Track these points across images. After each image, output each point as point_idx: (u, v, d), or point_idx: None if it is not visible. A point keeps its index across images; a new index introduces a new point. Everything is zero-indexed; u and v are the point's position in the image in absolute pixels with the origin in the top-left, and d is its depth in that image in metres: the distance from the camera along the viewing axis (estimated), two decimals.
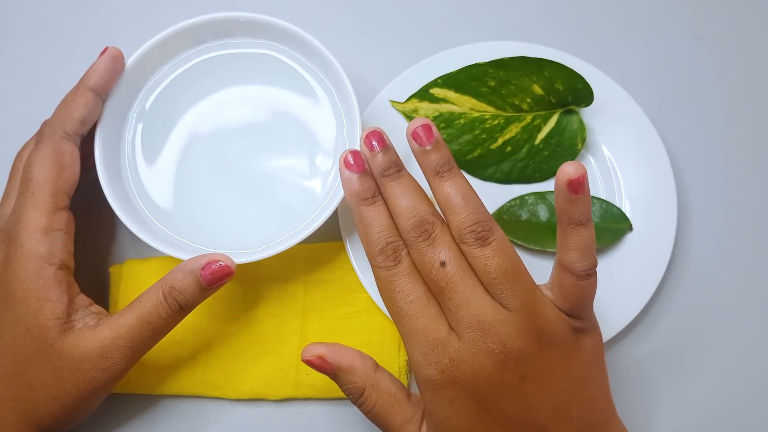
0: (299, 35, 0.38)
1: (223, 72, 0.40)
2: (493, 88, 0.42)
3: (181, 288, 0.33)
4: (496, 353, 0.29)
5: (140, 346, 0.34)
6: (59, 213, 0.34)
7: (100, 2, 0.48)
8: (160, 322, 0.33)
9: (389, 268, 0.32)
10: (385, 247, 0.32)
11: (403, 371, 0.39)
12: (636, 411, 0.40)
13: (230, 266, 0.33)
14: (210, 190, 0.39)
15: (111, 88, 0.38)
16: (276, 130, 0.39)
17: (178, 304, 0.33)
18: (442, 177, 0.33)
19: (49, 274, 0.33)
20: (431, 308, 0.31)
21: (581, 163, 0.31)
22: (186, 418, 0.40)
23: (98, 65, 0.37)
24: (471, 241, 0.31)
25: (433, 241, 0.32)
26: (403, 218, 0.33)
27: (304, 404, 0.40)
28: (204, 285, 0.33)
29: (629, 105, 0.42)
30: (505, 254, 0.31)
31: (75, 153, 0.35)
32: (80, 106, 0.36)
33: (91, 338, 0.33)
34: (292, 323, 0.40)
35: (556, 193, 0.31)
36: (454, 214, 0.32)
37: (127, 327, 0.33)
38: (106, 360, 0.33)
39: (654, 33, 0.47)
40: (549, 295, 0.32)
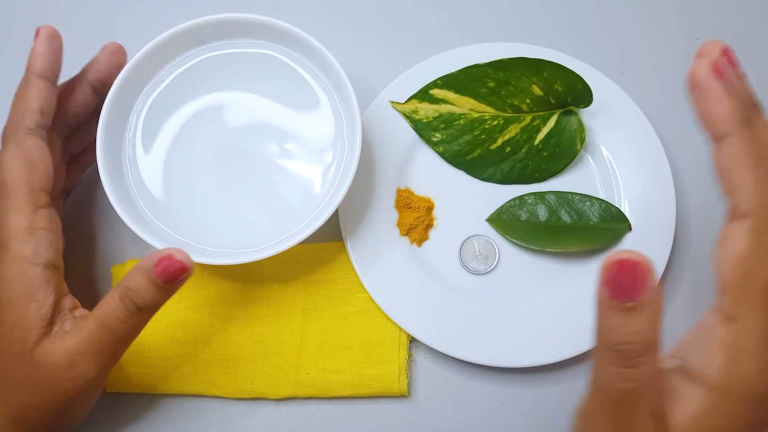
0: (300, 36, 0.39)
1: (224, 73, 0.40)
2: (492, 88, 0.42)
3: (137, 288, 0.31)
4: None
5: (106, 353, 0.32)
6: (40, 211, 0.33)
7: (101, 3, 0.48)
8: (119, 325, 0.32)
9: None
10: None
11: (403, 371, 0.39)
12: None
13: (183, 261, 0.31)
14: (211, 190, 0.39)
15: (58, 68, 0.35)
16: (276, 130, 0.40)
17: (135, 305, 0.31)
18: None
19: (35, 274, 0.32)
20: None
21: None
22: (187, 417, 0.40)
23: (38, 49, 0.35)
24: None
25: None
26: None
27: (304, 403, 0.40)
28: (159, 283, 0.31)
29: (628, 106, 0.43)
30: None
31: (42, 147, 0.34)
32: (34, 96, 0.34)
33: (59, 346, 0.32)
34: (293, 323, 0.40)
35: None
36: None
37: (87, 333, 0.32)
38: (73, 369, 0.32)
39: (653, 34, 0.47)
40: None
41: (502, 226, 0.42)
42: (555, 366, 0.40)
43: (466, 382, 0.40)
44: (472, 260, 0.41)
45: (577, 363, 0.40)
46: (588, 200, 0.41)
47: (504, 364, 0.39)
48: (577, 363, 0.40)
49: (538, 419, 0.40)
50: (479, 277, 0.41)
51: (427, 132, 0.43)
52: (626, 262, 0.24)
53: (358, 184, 0.42)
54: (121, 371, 0.39)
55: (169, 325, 0.40)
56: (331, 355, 0.40)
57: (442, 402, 0.40)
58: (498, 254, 0.41)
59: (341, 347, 0.40)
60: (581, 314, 0.39)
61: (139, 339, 0.40)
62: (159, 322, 0.40)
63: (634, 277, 0.24)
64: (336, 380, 0.39)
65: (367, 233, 0.41)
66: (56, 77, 0.35)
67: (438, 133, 0.43)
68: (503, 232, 0.41)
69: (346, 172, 0.38)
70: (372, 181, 0.42)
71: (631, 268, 0.24)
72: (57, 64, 0.35)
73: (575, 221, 0.41)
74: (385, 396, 0.40)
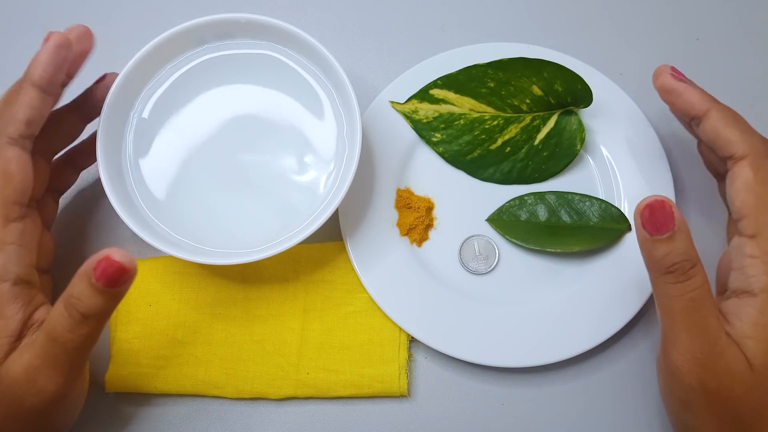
0: (300, 36, 0.39)
1: (224, 73, 0.40)
2: (492, 89, 0.42)
3: (78, 294, 0.29)
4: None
5: (60, 365, 0.30)
6: (11, 226, 0.32)
7: (101, 3, 0.48)
8: (66, 335, 0.30)
9: None
10: None
11: (403, 371, 0.39)
12: (635, 409, 0.40)
13: (122, 262, 0.29)
14: (211, 190, 0.39)
15: (60, 79, 0.33)
16: (276, 130, 0.40)
17: (79, 314, 0.29)
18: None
19: (2, 290, 0.31)
20: None
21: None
22: (187, 417, 0.40)
23: (41, 56, 0.32)
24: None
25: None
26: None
27: (304, 404, 0.40)
28: (100, 287, 0.29)
29: (628, 106, 0.43)
30: None
31: (22, 158, 0.32)
32: (23, 105, 0.32)
33: (18, 362, 0.31)
34: (293, 323, 0.40)
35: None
36: None
37: (39, 346, 0.30)
38: (33, 384, 0.30)
39: (653, 34, 0.47)
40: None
41: (502, 226, 0.42)
42: (555, 366, 0.40)
43: (466, 382, 0.40)
44: (472, 260, 0.41)
45: (577, 363, 0.40)
46: (588, 200, 0.41)
47: (504, 364, 0.39)
48: (577, 363, 0.40)
49: (538, 419, 0.40)
50: (479, 277, 0.41)
51: (427, 132, 0.43)
52: (654, 204, 0.30)
53: (358, 184, 0.42)
54: (121, 371, 0.39)
55: (169, 325, 0.40)
56: (331, 355, 0.40)
57: (442, 402, 0.40)
58: (498, 254, 0.41)
59: (341, 347, 0.40)
60: (581, 314, 0.39)
61: (140, 339, 0.40)
62: (159, 322, 0.40)
63: (664, 212, 0.30)
64: (336, 380, 0.39)
65: (367, 233, 0.41)
66: (54, 88, 0.33)
67: (438, 133, 0.43)
68: (503, 232, 0.41)
69: (346, 172, 0.38)
70: (372, 181, 0.42)
71: (660, 207, 0.30)
72: (58, 75, 0.33)
73: (575, 221, 0.41)
74: (385, 396, 0.40)
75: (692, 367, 0.31)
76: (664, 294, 0.31)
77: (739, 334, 0.31)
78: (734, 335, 0.31)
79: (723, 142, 0.33)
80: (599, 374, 0.40)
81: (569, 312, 0.40)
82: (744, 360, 0.31)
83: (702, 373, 0.31)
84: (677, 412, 0.34)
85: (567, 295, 0.40)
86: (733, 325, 0.32)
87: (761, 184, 0.32)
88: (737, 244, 0.33)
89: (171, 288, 0.41)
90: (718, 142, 0.34)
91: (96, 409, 0.39)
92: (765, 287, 0.31)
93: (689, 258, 0.30)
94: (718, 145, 0.34)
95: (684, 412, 0.33)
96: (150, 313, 0.40)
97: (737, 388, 0.31)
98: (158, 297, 0.41)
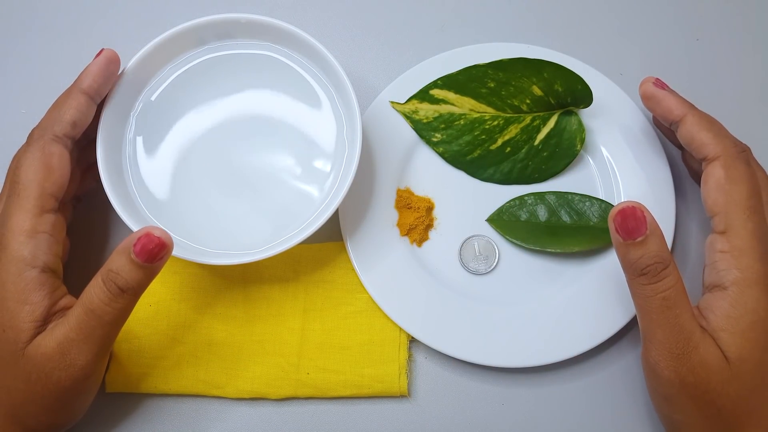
0: (300, 36, 0.39)
1: (224, 73, 0.40)
2: (492, 89, 0.42)
3: (117, 269, 0.31)
4: None
5: (95, 339, 0.32)
6: (45, 216, 0.34)
7: (102, 3, 0.48)
8: (103, 308, 0.32)
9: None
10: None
11: (404, 371, 0.39)
12: (635, 409, 0.40)
13: (161, 238, 0.31)
14: (211, 190, 0.39)
15: (105, 91, 0.37)
16: (276, 131, 0.40)
17: (118, 287, 0.31)
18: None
19: (31, 276, 0.33)
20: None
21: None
22: (187, 417, 0.40)
23: (92, 68, 0.36)
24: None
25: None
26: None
27: (304, 404, 0.40)
28: (139, 262, 0.31)
29: (628, 106, 0.43)
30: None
31: (64, 155, 0.35)
32: (71, 108, 0.35)
33: (50, 337, 0.32)
34: (293, 323, 0.40)
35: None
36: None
37: (75, 319, 0.32)
38: (65, 357, 0.32)
39: (652, 34, 0.47)
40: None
41: (502, 226, 0.42)
42: (555, 366, 0.40)
43: (466, 382, 0.40)
44: (472, 260, 0.41)
45: (577, 363, 0.40)
46: (588, 200, 0.41)
47: (504, 364, 0.39)
48: (577, 363, 0.40)
49: (538, 419, 0.40)
50: (479, 277, 0.41)
51: (427, 132, 0.43)
52: (626, 209, 0.32)
53: (358, 185, 0.42)
54: (121, 371, 0.39)
55: (169, 325, 0.40)
56: (331, 355, 0.40)
57: (442, 402, 0.40)
58: (498, 254, 0.41)
59: (341, 347, 0.40)
60: (581, 314, 0.40)
61: (139, 339, 0.40)
62: (159, 323, 0.40)
63: (636, 218, 0.32)
64: (336, 380, 0.39)
65: (367, 233, 0.41)
66: (100, 98, 0.37)
67: (438, 134, 0.43)
68: (503, 233, 0.41)
69: (346, 172, 0.38)
70: (372, 181, 0.42)
71: (632, 213, 0.32)
72: (105, 87, 0.36)
73: (575, 221, 0.41)
74: (385, 396, 0.40)
75: (669, 362, 0.32)
76: (639, 294, 0.33)
77: (713, 327, 0.33)
78: (709, 329, 0.33)
79: (697, 145, 0.35)
80: (599, 374, 0.40)
81: (569, 312, 0.40)
82: (719, 353, 0.32)
83: (678, 366, 0.32)
84: (663, 410, 0.35)
85: (567, 295, 0.40)
86: (707, 320, 0.33)
87: (731, 183, 0.34)
88: (710, 241, 0.35)
89: (171, 288, 0.41)
90: (693, 145, 0.36)
91: (96, 409, 0.39)
92: (735, 280, 0.33)
93: (661, 260, 0.32)
94: (693, 147, 0.36)
95: (669, 408, 0.34)
96: (150, 313, 0.40)
97: (714, 380, 0.32)
98: (158, 297, 0.41)
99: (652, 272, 0.32)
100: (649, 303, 0.32)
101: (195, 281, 0.41)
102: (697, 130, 0.35)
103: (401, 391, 0.39)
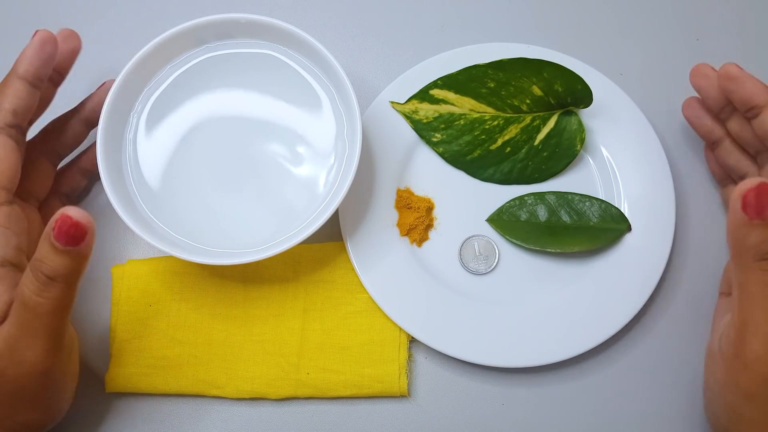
0: (300, 36, 0.39)
1: (224, 73, 0.40)
2: (492, 89, 0.42)
3: (41, 257, 0.30)
4: None
5: (36, 332, 0.31)
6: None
7: (102, 3, 0.48)
8: (35, 299, 0.30)
9: None
10: None
11: (403, 371, 0.39)
12: (635, 409, 0.40)
13: (77, 219, 0.29)
14: (210, 190, 0.39)
15: (45, 74, 0.35)
16: (276, 131, 0.40)
17: (45, 276, 0.30)
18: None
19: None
20: None
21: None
22: (187, 417, 0.40)
23: (27, 51, 0.34)
24: None
25: None
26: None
27: (304, 404, 0.40)
28: (59, 246, 0.29)
29: (628, 106, 0.43)
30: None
31: (8, 145, 0.34)
32: (9, 96, 0.34)
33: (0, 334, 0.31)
34: (293, 323, 0.40)
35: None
36: None
37: (14, 314, 0.31)
38: (13, 354, 0.31)
39: (652, 34, 0.47)
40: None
41: (502, 226, 0.42)
42: (555, 366, 0.40)
43: (466, 382, 0.40)
44: (472, 260, 0.41)
45: (577, 363, 0.40)
46: (588, 200, 0.41)
47: (504, 364, 0.39)
48: (577, 363, 0.40)
49: (538, 419, 0.40)
50: (479, 277, 0.41)
51: (427, 132, 0.43)
52: (762, 186, 0.29)
53: (358, 185, 0.42)
54: (120, 371, 0.39)
55: (169, 325, 0.40)
56: (331, 355, 0.40)
57: (442, 402, 0.40)
58: (498, 254, 0.41)
59: (341, 347, 0.40)
60: (581, 314, 0.40)
61: (139, 339, 0.40)
62: (159, 323, 0.40)
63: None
64: (336, 380, 0.39)
65: (367, 233, 0.41)
66: (40, 81, 0.35)
67: (438, 134, 0.43)
68: (503, 233, 0.41)
69: (346, 172, 0.38)
70: (372, 181, 0.42)
71: (766, 191, 0.29)
72: (44, 68, 0.35)
73: (575, 221, 0.41)
74: (385, 396, 0.40)
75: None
76: (755, 280, 0.30)
77: None
78: None
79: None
80: (599, 374, 0.40)
81: (569, 312, 0.40)
82: None
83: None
84: (737, 406, 0.33)
85: (567, 295, 0.40)
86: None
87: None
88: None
89: (171, 288, 0.41)
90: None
91: (96, 409, 0.39)
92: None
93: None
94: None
95: (747, 404, 0.32)
96: (150, 313, 0.40)
97: None
98: (158, 297, 0.41)
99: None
100: (766, 291, 0.30)
101: (195, 281, 0.41)
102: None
103: (401, 391, 0.39)
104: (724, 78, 0.36)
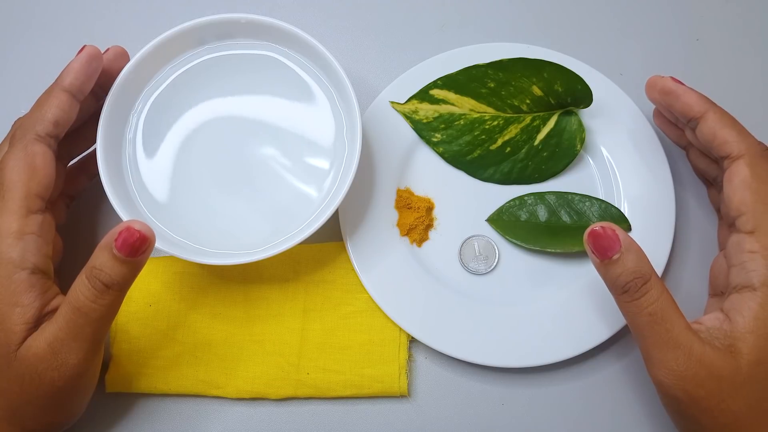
0: (300, 37, 0.39)
1: (224, 73, 0.40)
2: (492, 89, 0.42)
3: (100, 265, 0.31)
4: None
5: (84, 337, 0.32)
6: (32, 217, 0.33)
7: (102, 3, 0.48)
8: (90, 305, 0.31)
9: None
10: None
11: (403, 371, 0.39)
12: (635, 409, 0.40)
13: (142, 231, 0.31)
14: (210, 190, 0.39)
15: (88, 88, 0.36)
16: (276, 131, 0.40)
17: (102, 283, 0.31)
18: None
19: (20, 279, 0.32)
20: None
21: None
22: (187, 417, 0.40)
23: (73, 65, 0.35)
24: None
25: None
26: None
27: (304, 404, 0.40)
28: (121, 257, 0.31)
29: (628, 106, 0.43)
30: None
31: (47, 155, 0.34)
32: (53, 107, 0.34)
33: (40, 338, 0.32)
34: (293, 323, 0.40)
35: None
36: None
37: (62, 318, 0.32)
38: (56, 357, 0.32)
39: (652, 34, 0.47)
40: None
41: (502, 226, 0.42)
42: (555, 366, 0.40)
43: (466, 382, 0.40)
44: (472, 260, 0.41)
45: (577, 363, 0.40)
46: (588, 200, 0.41)
47: (504, 364, 0.39)
48: (577, 363, 0.40)
49: (538, 419, 0.40)
50: (479, 277, 0.41)
51: (427, 132, 0.43)
52: (594, 231, 0.32)
53: (358, 185, 0.42)
54: (120, 371, 0.39)
55: (169, 325, 0.40)
56: (331, 355, 0.40)
57: (442, 402, 0.40)
58: (498, 254, 0.41)
59: (341, 347, 0.40)
60: (581, 314, 0.40)
61: (139, 339, 0.40)
62: (159, 323, 0.40)
63: (607, 237, 0.32)
64: (336, 380, 0.39)
65: (367, 233, 0.41)
66: (83, 95, 0.36)
67: (438, 134, 0.43)
68: (503, 233, 0.41)
69: (346, 172, 0.38)
70: (372, 181, 0.42)
71: (602, 233, 0.32)
72: (87, 83, 0.36)
73: (575, 221, 0.41)
74: (385, 396, 0.40)
75: (673, 381, 0.31)
76: (626, 312, 0.33)
77: (739, 329, 0.32)
78: (734, 332, 0.32)
79: (720, 142, 0.35)
80: (599, 374, 0.40)
81: (569, 312, 0.40)
82: (727, 359, 0.31)
83: (685, 384, 0.31)
84: (678, 423, 0.34)
85: (567, 295, 0.40)
86: (733, 322, 0.32)
87: (758, 182, 0.33)
88: (736, 241, 0.34)
89: (171, 288, 0.41)
90: (714, 143, 0.35)
91: (96, 409, 0.39)
92: (765, 281, 0.32)
93: (640, 275, 0.32)
94: (714, 145, 0.35)
95: (683, 421, 0.33)
96: (150, 313, 0.40)
97: (726, 388, 0.31)
98: (158, 297, 0.41)
99: (633, 288, 0.32)
100: (637, 320, 0.32)
101: (195, 281, 0.41)
102: (720, 127, 0.35)
103: (401, 391, 0.39)
104: (661, 93, 0.37)
